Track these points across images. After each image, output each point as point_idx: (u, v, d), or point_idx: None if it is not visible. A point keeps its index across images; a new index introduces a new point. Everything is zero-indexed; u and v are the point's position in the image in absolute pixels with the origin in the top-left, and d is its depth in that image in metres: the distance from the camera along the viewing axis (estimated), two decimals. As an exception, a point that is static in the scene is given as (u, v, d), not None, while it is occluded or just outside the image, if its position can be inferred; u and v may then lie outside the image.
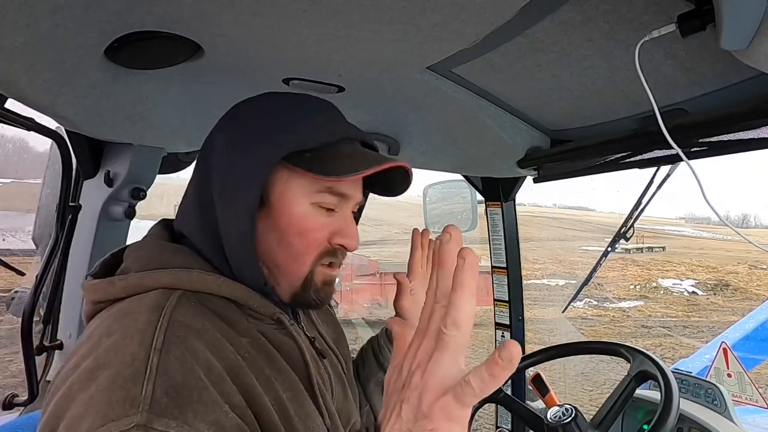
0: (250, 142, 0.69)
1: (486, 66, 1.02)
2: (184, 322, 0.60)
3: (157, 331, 0.58)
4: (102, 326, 0.61)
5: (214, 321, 0.64)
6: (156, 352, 0.55)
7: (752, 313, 4.71)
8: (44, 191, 1.42)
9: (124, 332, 0.58)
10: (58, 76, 0.85)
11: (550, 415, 1.19)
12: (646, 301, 16.89)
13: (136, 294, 0.65)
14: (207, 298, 0.67)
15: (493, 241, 1.84)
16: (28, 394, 1.25)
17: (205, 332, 0.61)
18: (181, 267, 0.67)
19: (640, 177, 1.56)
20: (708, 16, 0.66)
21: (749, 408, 2.59)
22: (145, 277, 0.65)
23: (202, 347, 0.59)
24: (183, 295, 0.64)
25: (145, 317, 0.59)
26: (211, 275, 0.67)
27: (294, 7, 0.76)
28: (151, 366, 0.54)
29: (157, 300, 0.62)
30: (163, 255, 0.69)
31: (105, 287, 0.66)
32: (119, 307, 0.64)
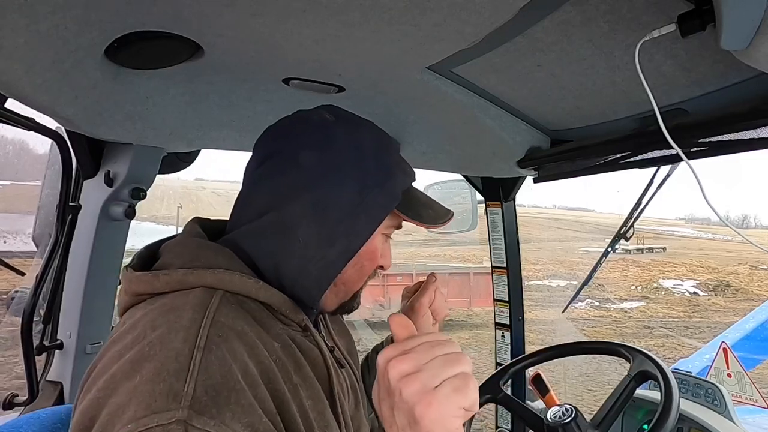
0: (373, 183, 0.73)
1: (486, 66, 1.02)
2: (225, 323, 0.62)
3: (201, 329, 0.59)
4: (146, 319, 0.62)
5: (251, 323, 0.66)
6: (199, 350, 0.57)
7: (752, 313, 4.71)
8: (44, 191, 1.42)
9: (169, 327, 0.59)
10: (59, 76, 0.85)
11: (550, 415, 1.19)
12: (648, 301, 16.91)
13: (179, 290, 0.66)
14: (244, 300, 0.68)
15: (493, 241, 1.84)
16: (29, 394, 1.25)
17: (244, 334, 0.63)
18: (224, 268, 0.68)
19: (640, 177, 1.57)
20: (708, 16, 0.66)
21: (749, 408, 2.59)
22: (189, 274, 0.67)
23: (241, 349, 0.60)
24: (224, 295, 0.66)
25: (189, 315, 0.61)
26: (251, 279, 0.69)
27: (294, 7, 0.76)
28: (194, 363, 0.55)
29: (201, 299, 0.64)
30: (204, 253, 0.70)
31: (150, 280, 0.67)
32: (163, 302, 0.65)
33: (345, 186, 0.71)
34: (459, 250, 20.52)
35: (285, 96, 1.17)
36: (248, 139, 1.41)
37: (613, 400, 1.17)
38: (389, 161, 0.77)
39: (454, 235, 17.52)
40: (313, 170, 0.71)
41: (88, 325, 1.32)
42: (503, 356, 1.81)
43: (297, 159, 0.71)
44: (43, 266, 1.25)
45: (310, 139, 0.73)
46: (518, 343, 1.79)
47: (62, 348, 1.33)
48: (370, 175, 0.73)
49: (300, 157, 0.71)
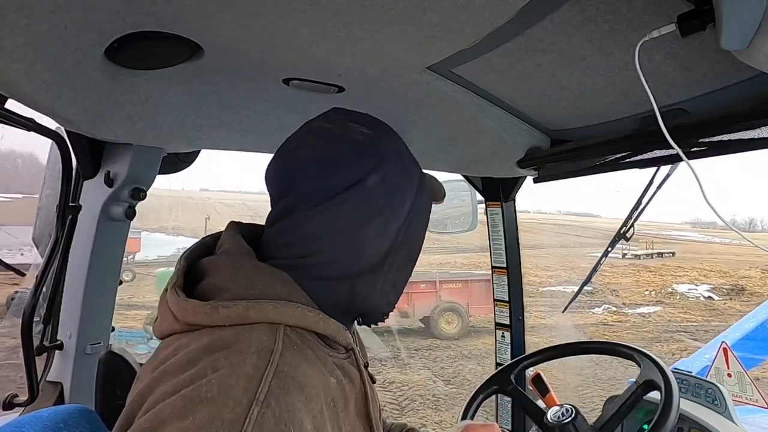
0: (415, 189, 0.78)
1: (486, 66, 1.02)
2: (289, 373, 0.60)
3: (263, 381, 0.57)
4: (207, 357, 0.59)
5: (312, 364, 0.65)
6: (258, 404, 0.55)
7: (752, 313, 4.71)
8: (44, 192, 1.42)
9: (230, 372, 0.57)
10: (58, 77, 0.85)
11: (550, 415, 1.19)
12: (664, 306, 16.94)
13: (239, 324, 0.63)
14: (304, 334, 0.67)
15: (493, 241, 1.84)
16: (29, 395, 1.25)
17: (305, 386, 0.61)
18: (285, 299, 0.66)
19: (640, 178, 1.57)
20: (708, 16, 0.66)
21: (749, 408, 2.60)
22: (251, 308, 0.64)
23: (300, 404, 0.59)
24: (286, 333, 0.64)
25: (254, 361, 0.59)
26: (313, 312, 0.68)
27: (294, 8, 0.76)
28: (251, 418, 0.54)
29: (266, 341, 0.62)
30: (261, 279, 0.68)
31: (208, 312, 0.63)
32: (222, 337, 0.62)
33: (405, 200, 0.75)
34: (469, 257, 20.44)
35: (285, 96, 1.17)
36: (248, 139, 1.41)
37: (617, 406, 1.17)
38: (414, 160, 0.81)
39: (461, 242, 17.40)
40: (378, 193, 0.72)
41: (88, 325, 1.32)
42: (503, 356, 1.81)
43: (362, 185, 0.71)
44: (43, 267, 1.25)
45: (369, 162, 0.72)
46: (518, 343, 1.79)
47: (62, 348, 1.33)
48: (414, 181, 0.77)
49: (365, 183, 0.71)
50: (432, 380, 8.48)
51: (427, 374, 8.64)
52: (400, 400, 7.74)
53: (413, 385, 8.29)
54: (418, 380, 8.41)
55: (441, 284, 12.24)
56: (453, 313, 12.05)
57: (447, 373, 8.65)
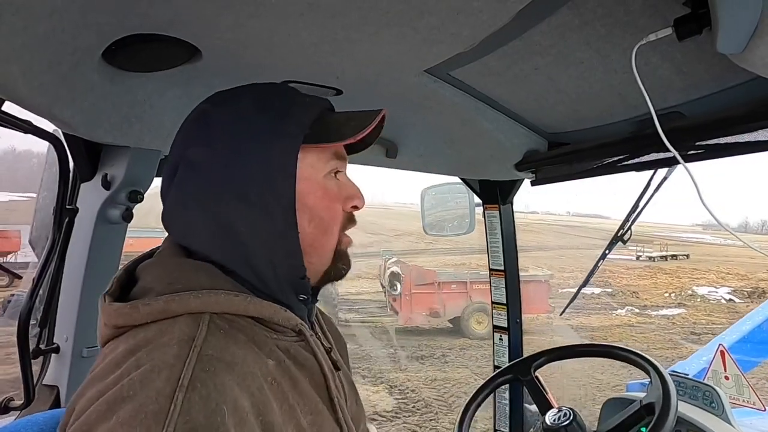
0: (264, 140, 0.69)
1: (483, 69, 1.02)
2: (214, 355, 0.59)
3: (185, 366, 0.56)
4: (130, 357, 0.59)
5: (244, 346, 0.63)
6: (182, 389, 0.54)
7: (749, 315, 4.72)
8: (41, 194, 1.42)
9: (152, 366, 0.56)
10: (56, 79, 0.85)
11: (548, 418, 1.19)
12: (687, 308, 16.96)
13: (162, 319, 0.62)
14: (234, 319, 0.65)
15: (491, 244, 1.84)
16: (24, 398, 1.25)
17: (235, 365, 0.60)
18: (208, 288, 0.65)
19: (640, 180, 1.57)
20: (704, 20, 0.67)
21: (747, 410, 2.60)
22: (171, 301, 0.63)
23: (231, 382, 0.58)
24: (211, 320, 0.63)
25: (174, 351, 0.58)
26: (239, 296, 0.66)
27: (292, 10, 0.76)
28: (176, 404, 0.52)
29: (187, 330, 0.60)
30: (184, 273, 0.67)
31: (129, 312, 0.63)
32: (146, 336, 0.61)
33: (250, 159, 0.68)
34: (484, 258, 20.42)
35: None
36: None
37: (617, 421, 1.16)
38: (279, 105, 0.72)
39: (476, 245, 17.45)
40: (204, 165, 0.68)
41: (85, 328, 1.32)
42: (501, 359, 1.81)
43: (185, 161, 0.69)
44: (39, 269, 1.24)
45: (191, 136, 0.71)
46: (516, 345, 1.79)
47: (58, 352, 1.32)
48: (262, 134, 0.69)
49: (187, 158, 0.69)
50: (472, 378, 8.52)
51: (466, 372, 8.71)
52: (446, 397, 7.77)
53: (455, 383, 8.39)
54: (459, 378, 8.48)
55: (471, 284, 12.21)
56: (483, 313, 12.00)
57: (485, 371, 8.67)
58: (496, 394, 1.79)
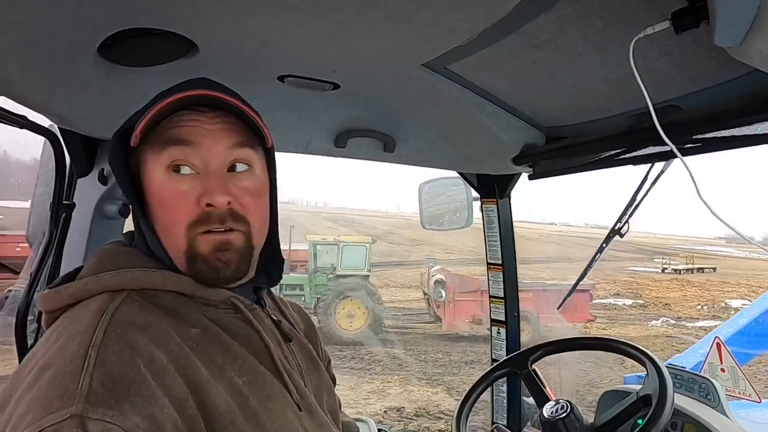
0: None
1: (481, 63, 1.02)
2: (125, 319, 0.62)
3: (97, 330, 0.60)
4: (52, 334, 0.63)
5: (160, 315, 0.66)
6: (94, 348, 0.57)
7: (745, 309, 4.75)
8: (38, 189, 1.41)
9: (68, 336, 0.60)
10: (51, 74, 0.85)
11: (546, 410, 1.20)
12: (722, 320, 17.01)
13: (84, 299, 0.67)
14: (154, 294, 0.68)
15: (489, 238, 1.84)
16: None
17: (148, 327, 0.63)
18: (126, 267, 0.69)
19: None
20: (702, 13, 0.66)
21: (742, 402, 2.62)
22: (90, 282, 0.67)
23: (144, 340, 0.61)
24: (128, 295, 0.66)
25: (88, 320, 0.62)
26: (155, 272, 0.69)
27: (289, 4, 0.76)
28: (89, 361, 0.56)
29: (102, 303, 0.64)
30: (110, 258, 0.71)
31: (53, 296, 0.68)
32: (68, 315, 0.66)
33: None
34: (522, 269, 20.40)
35: (280, 93, 1.16)
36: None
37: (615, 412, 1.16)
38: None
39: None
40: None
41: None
42: (499, 352, 1.82)
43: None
44: (36, 265, 1.24)
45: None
46: (513, 339, 1.79)
47: (57, 347, 1.33)
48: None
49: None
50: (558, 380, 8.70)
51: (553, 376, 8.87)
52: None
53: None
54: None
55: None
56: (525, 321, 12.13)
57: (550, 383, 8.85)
58: (493, 388, 1.80)
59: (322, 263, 12.91)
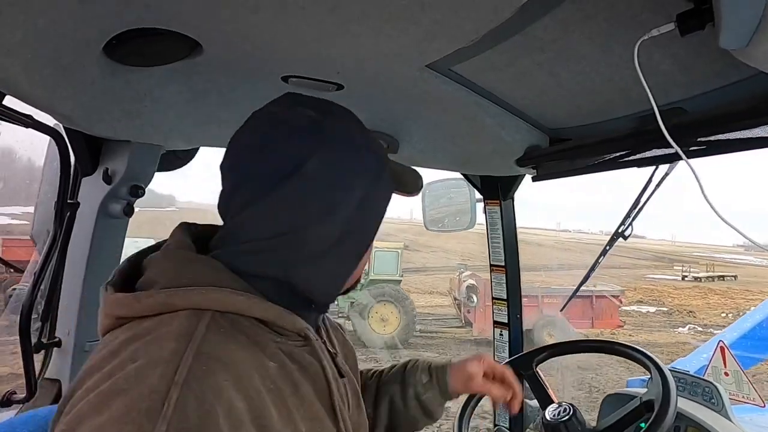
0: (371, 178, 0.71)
1: (485, 64, 1.02)
2: (212, 353, 0.58)
3: (182, 363, 0.55)
4: (127, 349, 0.58)
5: (244, 346, 0.62)
6: (176, 387, 0.53)
7: (750, 313, 4.72)
8: (42, 188, 1.42)
9: (148, 360, 0.55)
10: (56, 73, 0.85)
11: (549, 413, 1.20)
12: None
13: (163, 313, 0.61)
14: (236, 318, 0.64)
15: (492, 240, 1.84)
16: (27, 392, 1.25)
17: (232, 365, 0.59)
18: (212, 285, 0.64)
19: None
20: (707, 15, 0.66)
21: (746, 407, 2.60)
22: (174, 295, 0.62)
23: (227, 383, 0.56)
24: (213, 318, 0.62)
25: (172, 346, 0.57)
26: (243, 295, 0.65)
27: (293, 4, 0.76)
28: (169, 403, 0.51)
29: (187, 326, 0.59)
30: (190, 268, 0.66)
31: (131, 303, 0.62)
32: (146, 327, 0.60)
33: (353, 188, 0.69)
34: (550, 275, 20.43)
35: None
36: (247, 137, 1.41)
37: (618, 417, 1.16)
38: (375, 147, 0.75)
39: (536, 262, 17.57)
40: (320, 179, 0.67)
41: (87, 322, 1.32)
42: (501, 354, 1.82)
43: (300, 171, 0.66)
44: (41, 264, 1.24)
45: (308, 145, 0.67)
46: (516, 341, 1.79)
47: (60, 345, 1.33)
48: (370, 168, 0.71)
49: (304, 168, 0.66)
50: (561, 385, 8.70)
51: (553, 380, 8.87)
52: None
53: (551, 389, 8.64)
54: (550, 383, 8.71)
55: (543, 299, 12.33)
56: (554, 326, 12.16)
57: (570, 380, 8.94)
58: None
59: None
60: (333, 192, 0.68)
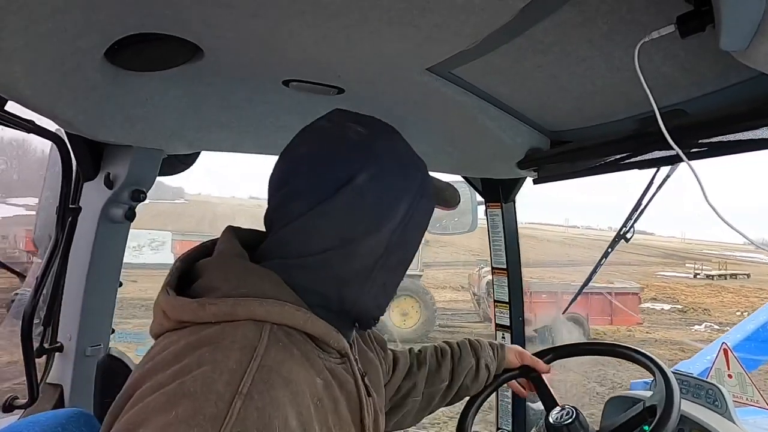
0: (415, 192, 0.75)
1: (486, 67, 1.02)
2: (273, 368, 0.60)
3: (247, 374, 0.57)
4: (193, 353, 0.60)
5: (299, 362, 0.64)
6: (240, 397, 0.55)
7: (753, 315, 4.71)
8: (44, 193, 1.42)
9: (214, 367, 0.57)
10: (58, 78, 0.85)
11: (552, 416, 1.19)
12: None
13: (226, 321, 0.63)
14: (291, 333, 0.67)
15: (494, 242, 1.84)
16: (29, 397, 1.25)
17: (290, 382, 0.61)
18: (273, 298, 0.66)
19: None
20: (707, 17, 0.66)
21: (750, 409, 2.59)
22: (238, 305, 0.64)
23: (285, 399, 0.59)
24: (272, 331, 0.64)
25: (237, 356, 0.59)
26: (301, 311, 0.67)
27: (294, 9, 0.76)
28: (233, 411, 0.54)
29: (250, 337, 0.62)
30: (251, 278, 0.68)
31: (195, 309, 0.64)
32: (209, 334, 0.62)
33: (400, 201, 0.73)
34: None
35: (285, 98, 1.17)
36: (248, 141, 1.41)
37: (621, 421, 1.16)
38: (419, 164, 0.79)
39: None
40: (369, 194, 0.70)
41: (88, 327, 1.32)
42: (504, 357, 1.81)
43: (350, 185, 0.69)
44: (43, 268, 1.25)
45: (359, 160, 0.71)
46: (518, 343, 1.78)
47: (62, 350, 1.33)
48: (414, 183, 0.75)
49: (354, 182, 0.69)
50: (585, 380, 8.80)
51: (577, 377, 8.93)
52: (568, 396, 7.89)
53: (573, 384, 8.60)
54: (573, 380, 8.76)
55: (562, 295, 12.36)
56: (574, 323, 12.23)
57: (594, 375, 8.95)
58: (498, 392, 1.79)
59: None
60: (380, 206, 0.71)
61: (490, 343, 1.30)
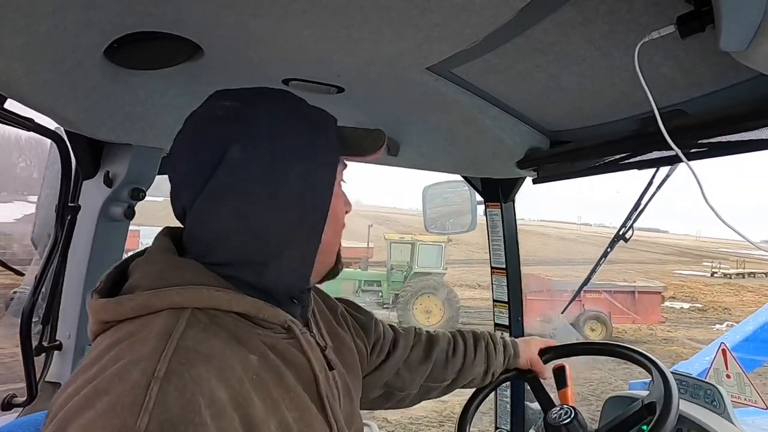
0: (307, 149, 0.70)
1: (485, 67, 1.02)
2: (192, 347, 0.59)
3: (162, 358, 0.57)
4: (110, 351, 0.60)
5: (225, 340, 0.64)
6: (157, 381, 0.55)
7: (752, 316, 4.71)
8: (43, 191, 1.42)
9: (130, 359, 0.57)
10: (58, 77, 0.85)
11: (550, 415, 1.19)
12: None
13: (145, 314, 0.63)
14: (217, 314, 0.66)
15: (493, 242, 1.84)
16: (27, 395, 1.25)
17: (213, 357, 0.60)
18: (191, 283, 0.65)
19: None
20: (707, 18, 0.66)
21: (749, 409, 2.60)
22: (154, 296, 0.63)
23: (207, 374, 0.58)
24: (192, 315, 0.63)
25: (152, 344, 0.58)
26: (221, 291, 0.66)
27: (294, 8, 0.76)
28: (150, 395, 0.53)
29: (166, 324, 0.61)
30: (172, 270, 0.67)
31: (113, 307, 0.64)
32: (128, 329, 0.62)
33: (290, 164, 0.68)
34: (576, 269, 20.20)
35: None
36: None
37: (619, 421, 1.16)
38: (309, 116, 0.73)
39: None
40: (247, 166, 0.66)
41: (87, 326, 1.32)
42: (503, 357, 1.81)
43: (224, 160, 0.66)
44: (42, 267, 1.24)
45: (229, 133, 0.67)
46: (518, 344, 1.79)
47: (61, 349, 1.33)
48: (302, 141, 0.70)
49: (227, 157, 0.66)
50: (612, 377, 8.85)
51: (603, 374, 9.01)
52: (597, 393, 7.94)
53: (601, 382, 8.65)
54: (600, 377, 8.83)
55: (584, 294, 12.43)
56: (597, 321, 12.31)
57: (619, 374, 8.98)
58: (497, 392, 1.79)
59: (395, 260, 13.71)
60: (266, 175, 0.67)
61: (505, 347, 1.28)
